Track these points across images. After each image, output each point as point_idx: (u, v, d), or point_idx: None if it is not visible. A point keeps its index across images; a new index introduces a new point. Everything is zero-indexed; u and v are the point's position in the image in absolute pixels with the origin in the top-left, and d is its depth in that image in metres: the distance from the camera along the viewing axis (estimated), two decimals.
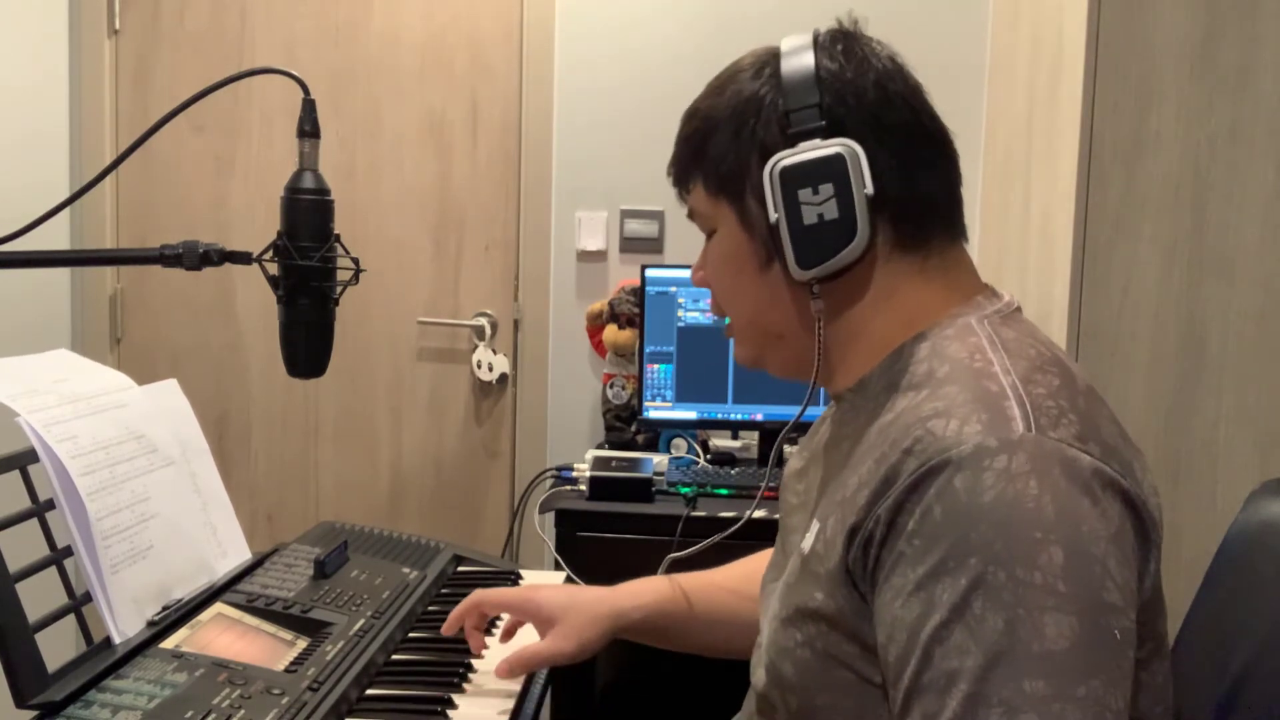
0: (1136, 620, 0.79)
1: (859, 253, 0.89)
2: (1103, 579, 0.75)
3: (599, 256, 2.78)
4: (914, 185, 0.91)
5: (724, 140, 0.93)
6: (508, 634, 1.28)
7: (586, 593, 1.22)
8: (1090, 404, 0.85)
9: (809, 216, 0.88)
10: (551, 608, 1.19)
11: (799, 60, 0.91)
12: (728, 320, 1.01)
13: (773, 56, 0.94)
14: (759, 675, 0.98)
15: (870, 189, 0.88)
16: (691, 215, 1.00)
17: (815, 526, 0.90)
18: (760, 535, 1.20)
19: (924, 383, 0.86)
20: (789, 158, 0.88)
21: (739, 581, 1.25)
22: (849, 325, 0.93)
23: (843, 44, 0.93)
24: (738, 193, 0.93)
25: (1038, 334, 0.92)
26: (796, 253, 0.89)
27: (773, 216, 0.89)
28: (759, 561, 1.21)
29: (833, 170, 0.87)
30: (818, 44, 0.93)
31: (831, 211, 0.88)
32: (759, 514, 2.07)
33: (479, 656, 1.23)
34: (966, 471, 0.77)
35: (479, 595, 1.23)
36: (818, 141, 0.88)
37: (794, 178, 0.88)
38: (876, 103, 0.90)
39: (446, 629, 1.22)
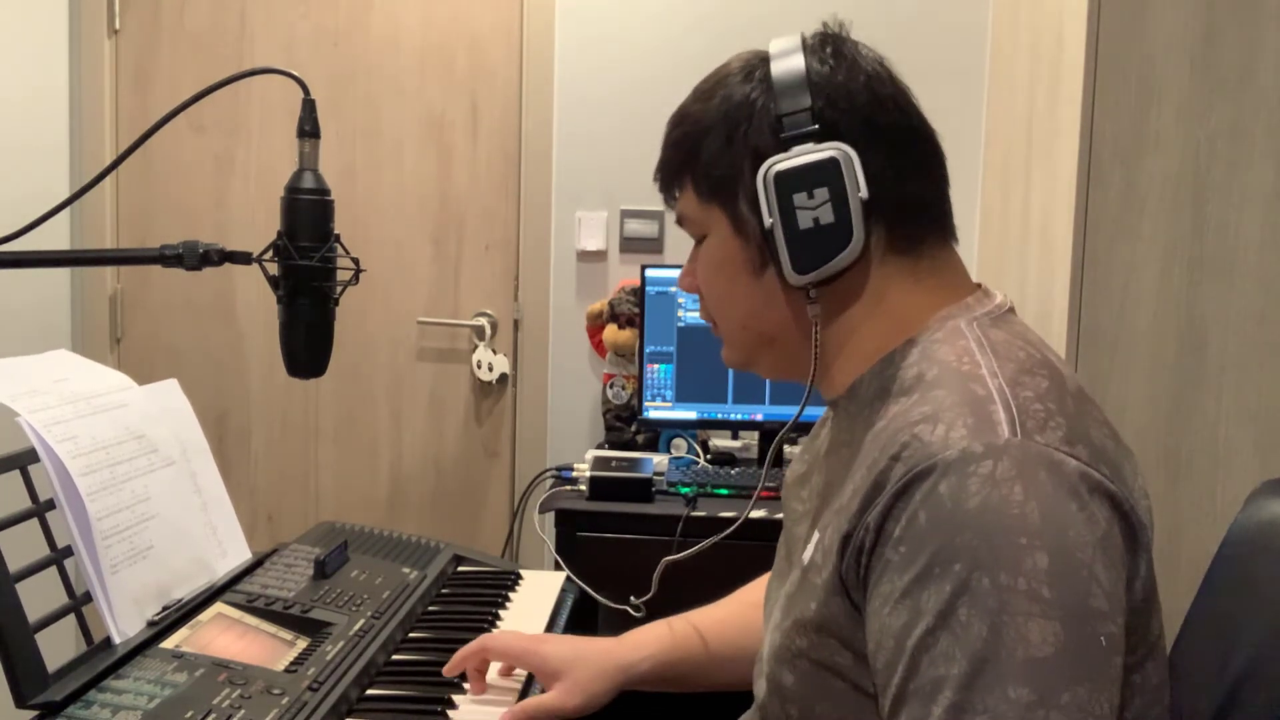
0: (1128, 624, 0.79)
1: (855, 256, 0.89)
2: (1088, 584, 0.75)
3: (599, 256, 2.78)
4: (906, 187, 0.91)
5: (715, 145, 0.93)
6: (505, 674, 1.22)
7: (593, 645, 1.19)
8: (1080, 406, 0.85)
9: (804, 221, 0.88)
10: (557, 661, 1.16)
11: (789, 63, 0.91)
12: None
13: (761, 60, 0.93)
14: (760, 686, 0.98)
15: (865, 192, 0.87)
16: (680, 221, 0.99)
17: (815, 537, 0.90)
18: (758, 535, 1.19)
19: (914, 387, 0.86)
20: (783, 162, 0.88)
21: (745, 611, 1.22)
22: (841, 328, 0.93)
23: (831, 47, 0.93)
24: (730, 198, 0.93)
25: (1029, 335, 0.92)
26: (793, 257, 0.89)
27: (767, 221, 0.89)
28: (759, 590, 1.18)
29: (827, 174, 0.87)
30: (807, 47, 0.92)
31: (827, 215, 0.87)
32: (757, 514, 2.09)
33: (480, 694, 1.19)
34: (952, 477, 0.77)
35: (484, 641, 1.18)
36: (811, 145, 0.88)
37: (788, 182, 0.88)
38: (868, 105, 0.90)
39: (449, 671, 1.18)
